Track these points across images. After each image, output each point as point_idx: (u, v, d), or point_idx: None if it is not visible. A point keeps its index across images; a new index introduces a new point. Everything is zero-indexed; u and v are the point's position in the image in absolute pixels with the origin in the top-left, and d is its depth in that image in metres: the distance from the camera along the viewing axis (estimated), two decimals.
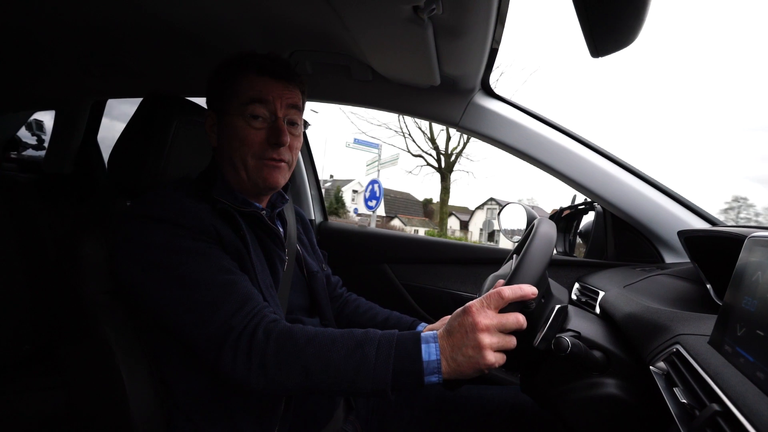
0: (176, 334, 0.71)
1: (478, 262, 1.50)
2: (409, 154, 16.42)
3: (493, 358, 0.62)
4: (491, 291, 0.65)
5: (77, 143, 1.78)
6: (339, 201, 24.45)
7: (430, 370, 0.63)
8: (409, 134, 16.13)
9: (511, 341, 0.64)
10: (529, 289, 0.64)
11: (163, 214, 0.74)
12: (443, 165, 16.48)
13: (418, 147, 17.43)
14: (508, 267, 0.90)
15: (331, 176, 29.96)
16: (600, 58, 0.57)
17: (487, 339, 0.62)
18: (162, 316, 0.71)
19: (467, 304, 0.66)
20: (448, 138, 16.11)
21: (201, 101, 1.04)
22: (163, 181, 0.94)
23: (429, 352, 0.64)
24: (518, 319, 0.64)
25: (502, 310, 0.64)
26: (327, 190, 26.34)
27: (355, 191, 26.29)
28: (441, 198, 17.48)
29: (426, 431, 0.94)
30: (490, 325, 0.62)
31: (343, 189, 27.21)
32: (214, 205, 0.81)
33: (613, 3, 0.50)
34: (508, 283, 0.67)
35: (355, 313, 1.05)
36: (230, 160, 0.84)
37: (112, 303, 0.81)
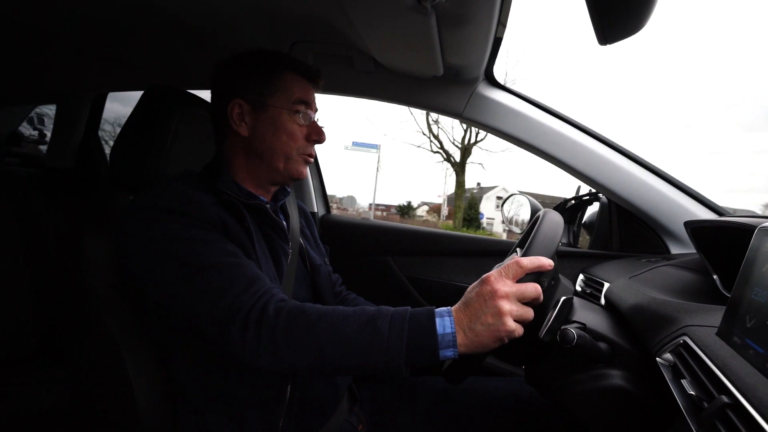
0: (185, 322, 0.71)
1: (482, 254, 1.49)
2: (431, 152, 16.40)
3: (514, 325, 0.61)
4: (509, 261, 0.64)
5: (78, 137, 1.78)
6: (473, 208, 23.66)
7: (446, 344, 0.62)
8: (431, 134, 16.09)
9: (529, 312, 0.63)
10: (546, 261, 0.64)
11: (168, 204, 0.74)
12: (458, 160, 16.43)
13: (439, 146, 17.30)
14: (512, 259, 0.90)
15: (478, 183, 29.56)
16: (607, 45, 0.56)
17: (506, 305, 0.61)
18: (170, 305, 0.72)
19: (484, 275, 0.65)
20: (466, 131, 16.06)
21: (201, 94, 1.04)
22: (165, 174, 0.93)
23: (444, 325, 0.63)
24: (536, 288, 0.63)
25: (520, 281, 0.63)
26: (473, 195, 26.16)
27: (499, 197, 26.05)
28: (456, 192, 17.41)
29: (430, 423, 0.94)
30: (510, 292, 0.62)
31: (486, 196, 27.04)
32: (219, 196, 0.81)
33: None
34: (526, 253, 0.67)
35: None
36: (268, 150, 0.86)
37: (116, 297, 0.81)
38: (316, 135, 0.89)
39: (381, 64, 1.16)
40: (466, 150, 16.35)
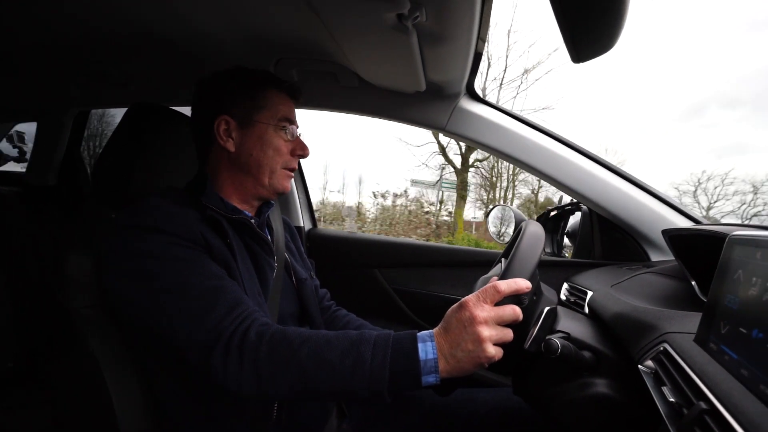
0: (166, 343, 0.70)
1: (468, 265, 1.50)
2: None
3: (493, 350, 0.62)
4: (487, 285, 0.65)
5: (60, 154, 1.75)
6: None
7: (428, 370, 0.62)
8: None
9: (508, 333, 0.64)
10: (523, 283, 0.65)
11: (151, 222, 0.73)
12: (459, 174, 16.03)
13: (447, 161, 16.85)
14: (497, 269, 0.91)
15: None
16: (581, 63, 0.58)
17: (486, 331, 0.62)
18: (152, 326, 0.70)
19: (463, 299, 0.66)
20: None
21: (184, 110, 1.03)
22: (148, 191, 0.93)
23: (426, 350, 0.63)
24: (515, 310, 0.64)
25: (497, 304, 0.64)
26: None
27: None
28: (456, 212, 16.83)
29: None
30: (488, 317, 0.63)
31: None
32: (203, 212, 0.80)
33: (592, 10, 0.51)
34: (503, 277, 0.67)
35: (345, 329, 1.04)
36: (255, 165, 0.87)
37: (98, 317, 0.80)
38: (301, 150, 0.92)
39: (365, 80, 1.17)
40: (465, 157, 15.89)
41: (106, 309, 0.80)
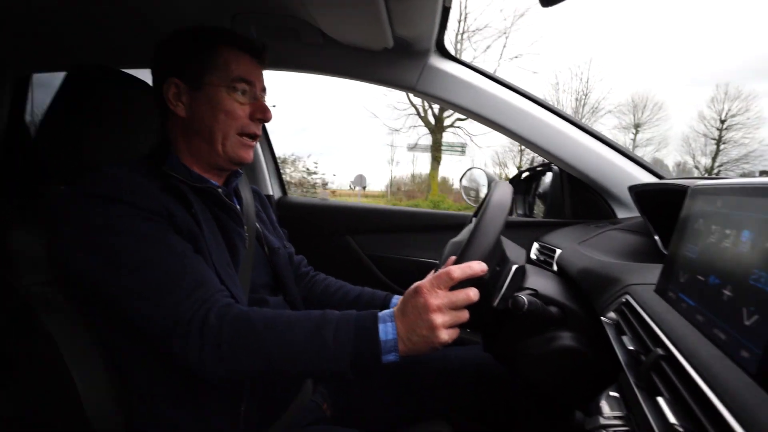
0: (126, 321, 0.68)
1: (439, 228, 1.51)
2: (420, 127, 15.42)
3: (447, 335, 0.64)
4: (441, 271, 0.66)
5: (2, 124, 1.62)
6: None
7: (388, 349, 0.64)
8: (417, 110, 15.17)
9: (463, 315, 0.66)
10: (478, 266, 0.65)
11: (111, 192, 0.69)
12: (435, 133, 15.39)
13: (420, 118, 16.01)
14: (466, 232, 0.90)
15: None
16: (549, 7, 0.56)
17: (439, 318, 0.63)
18: (111, 304, 0.68)
19: (418, 283, 0.66)
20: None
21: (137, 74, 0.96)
22: (101, 162, 0.87)
23: (386, 331, 0.65)
24: (468, 294, 0.65)
25: (452, 288, 0.65)
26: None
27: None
28: (431, 174, 16.11)
29: (393, 393, 0.95)
30: (441, 305, 0.64)
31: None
32: (166, 181, 0.76)
33: None
34: (459, 260, 0.67)
35: (325, 292, 1.04)
36: (206, 131, 0.81)
37: (52, 295, 0.76)
38: (261, 113, 0.84)
39: (330, 38, 1.11)
40: (440, 122, 15.37)
41: (59, 286, 0.76)
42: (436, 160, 15.74)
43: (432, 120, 15.40)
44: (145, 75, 0.93)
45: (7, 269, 0.74)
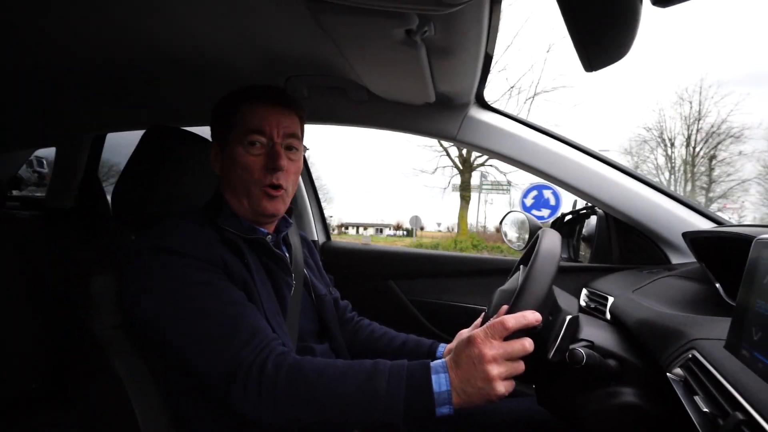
0: (187, 368, 0.72)
1: (485, 273, 1.49)
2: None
3: (503, 388, 0.63)
4: (494, 320, 0.65)
5: (79, 178, 1.80)
6: None
7: (441, 401, 0.63)
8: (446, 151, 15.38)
9: (519, 367, 0.64)
10: (532, 317, 0.64)
11: (172, 245, 0.74)
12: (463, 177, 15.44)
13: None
14: (514, 280, 0.90)
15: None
16: (594, 72, 0.58)
17: (495, 370, 0.62)
18: (172, 350, 0.72)
19: (472, 334, 0.65)
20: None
21: (201, 131, 1.06)
22: (168, 213, 0.94)
23: (439, 383, 0.64)
24: (524, 344, 0.64)
25: (507, 338, 0.64)
26: None
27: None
28: (461, 195, 15.92)
29: None
30: (497, 355, 0.62)
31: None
32: (221, 233, 0.81)
33: (604, 18, 0.51)
34: (512, 309, 0.67)
35: (369, 339, 1.04)
36: (233, 188, 0.85)
37: (122, 338, 0.81)
38: (272, 162, 0.82)
39: (374, 94, 1.19)
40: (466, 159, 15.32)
41: (129, 330, 0.82)
42: (464, 200, 15.57)
43: (457, 161, 15.48)
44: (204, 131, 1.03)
45: (85, 312, 0.81)
